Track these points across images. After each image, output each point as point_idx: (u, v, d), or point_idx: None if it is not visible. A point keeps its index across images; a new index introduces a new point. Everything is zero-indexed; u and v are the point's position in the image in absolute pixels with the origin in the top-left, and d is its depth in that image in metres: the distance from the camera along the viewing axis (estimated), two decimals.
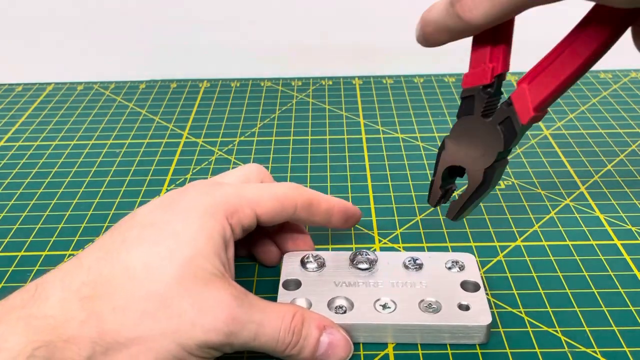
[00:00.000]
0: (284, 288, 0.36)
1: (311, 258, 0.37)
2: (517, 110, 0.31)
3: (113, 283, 0.29)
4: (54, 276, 0.30)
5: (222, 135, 0.56)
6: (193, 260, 0.30)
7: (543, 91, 0.30)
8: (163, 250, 0.30)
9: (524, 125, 0.31)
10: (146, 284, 0.29)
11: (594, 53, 0.29)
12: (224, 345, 0.30)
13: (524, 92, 0.31)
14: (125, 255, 0.30)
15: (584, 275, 0.38)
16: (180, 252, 0.30)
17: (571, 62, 0.30)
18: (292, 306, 0.33)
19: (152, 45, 0.69)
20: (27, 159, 0.53)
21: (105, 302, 0.29)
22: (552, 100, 0.31)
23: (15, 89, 0.67)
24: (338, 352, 0.32)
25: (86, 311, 0.28)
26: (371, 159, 0.51)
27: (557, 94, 0.30)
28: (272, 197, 0.35)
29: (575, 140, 0.53)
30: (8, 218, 0.45)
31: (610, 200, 0.45)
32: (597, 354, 0.33)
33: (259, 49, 0.69)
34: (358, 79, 0.67)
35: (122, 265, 0.30)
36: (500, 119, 0.32)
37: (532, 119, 0.31)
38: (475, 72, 0.32)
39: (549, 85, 0.30)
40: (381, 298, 0.35)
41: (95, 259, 0.30)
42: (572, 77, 0.30)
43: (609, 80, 0.64)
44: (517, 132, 0.32)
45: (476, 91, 0.32)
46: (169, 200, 0.33)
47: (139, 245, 0.30)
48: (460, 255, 0.38)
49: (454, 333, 0.33)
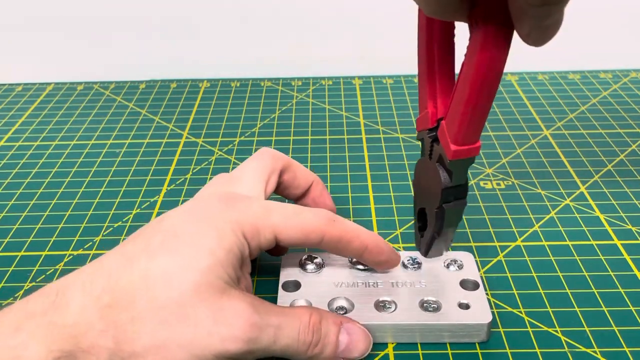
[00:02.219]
0: (284, 290, 0.36)
1: (310, 259, 0.37)
2: (443, 147, 0.31)
3: (132, 291, 0.29)
4: (74, 280, 0.30)
5: (222, 135, 0.56)
6: (211, 270, 0.30)
7: (455, 121, 0.30)
8: (182, 260, 0.30)
9: (453, 161, 0.31)
10: (164, 293, 0.29)
11: (480, 62, 0.27)
12: (245, 353, 0.29)
13: (442, 128, 0.31)
14: (145, 263, 0.30)
15: (584, 275, 0.38)
16: (198, 262, 0.30)
17: (465, 82, 0.28)
18: (306, 307, 0.33)
19: (152, 45, 0.69)
20: (27, 159, 0.53)
21: (124, 312, 0.28)
22: (470, 129, 0.30)
23: (15, 89, 0.67)
24: (359, 345, 0.32)
25: (105, 320, 0.28)
26: (371, 159, 0.51)
27: (470, 119, 0.29)
28: (297, 227, 0.33)
29: (575, 140, 0.53)
30: (8, 218, 0.45)
31: (610, 200, 0.45)
32: (597, 354, 0.33)
33: (259, 49, 0.69)
34: (358, 79, 0.67)
35: (142, 274, 0.29)
36: (436, 157, 0.32)
37: (456, 152, 0.30)
38: (421, 117, 0.33)
39: (457, 113, 0.29)
40: (381, 298, 0.35)
41: (117, 265, 0.30)
42: (473, 96, 0.28)
43: (609, 80, 0.64)
44: (450, 170, 0.32)
45: (424, 134, 0.33)
46: (195, 210, 0.33)
47: (160, 254, 0.30)
48: (458, 254, 0.38)
49: (454, 332, 0.33)
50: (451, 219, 0.33)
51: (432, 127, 0.32)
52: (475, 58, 0.27)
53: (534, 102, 0.60)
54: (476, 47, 0.27)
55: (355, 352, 0.32)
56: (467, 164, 0.32)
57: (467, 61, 0.28)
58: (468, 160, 0.31)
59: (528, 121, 0.56)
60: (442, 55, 0.31)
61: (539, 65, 0.66)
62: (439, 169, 0.32)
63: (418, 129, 0.34)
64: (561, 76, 0.65)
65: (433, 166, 0.33)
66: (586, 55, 0.66)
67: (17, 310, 0.28)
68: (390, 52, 0.67)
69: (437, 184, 0.32)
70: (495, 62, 0.27)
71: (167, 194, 0.48)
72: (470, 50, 0.28)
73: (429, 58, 0.31)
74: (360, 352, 0.32)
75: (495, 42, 0.27)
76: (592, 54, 0.67)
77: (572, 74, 0.66)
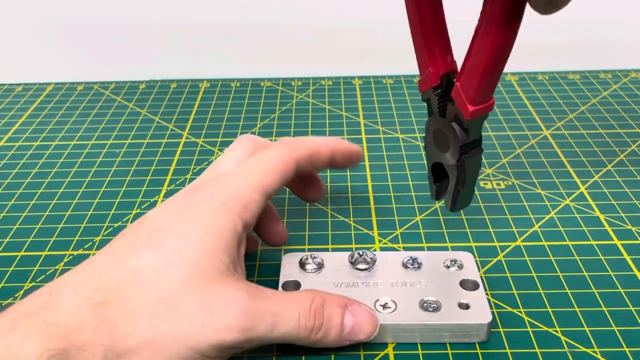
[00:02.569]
0: (284, 289, 0.36)
1: (310, 259, 0.37)
2: (459, 107, 0.32)
3: (123, 289, 0.29)
4: (67, 281, 0.30)
5: (222, 135, 0.56)
6: (201, 260, 0.30)
7: (472, 85, 0.31)
8: (171, 254, 0.30)
9: (471, 120, 0.32)
10: (154, 288, 0.29)
11: (499, 29, 0.29)
12: (242, 342, 0.29)
13: (457, 90, 0.32)
14: (134, 261, 0.30)
15: (584, 275, 0.38)
16: (187, 253, 0.30)
17: (483, 46, 0.29)
18: (310, 291, 0.32)
19: (152, 45, 0.69)
20: (27, 159, 0.53)
21: (117, 309, 0.29)
22: (486, 91, 0.31)
23: (15, 89, 0.67)
24: (365, 327, 0.32)
25: (98, 318, 0.28)
26: (371, 159, 0.51)
27: (487, 83, 0.31)
28: (273, 171, 0.34)
29: (575, 140, 0.53)
30: (8, 218, 0.45)
31: (610, 200, 0.45)
32: (597, 354, 0.33)
33: (259, 49, 0.69)
34: (358, 79, 0.67)
35: (132, 271, 0.29)
36: (452, 116, 0.33)
37: (474, 112, 0.32)
38: (423, 78, 0.33)
39: (474, 78, 0.31)
40: (381, 298, 0.35)
41: (106, 265, 0.30)
42: (492, 62, 0.30)
43: (609, 80, 0.64)
44: (467, 128, 0.33)
45: (430, 94, 0.34)
46: (179, 203, 0.33)
47: (148, 250, 0.30)
48: (458, 254, 0.38)
49: (454, 332, 0.33)
50: (472, 169, 0.34)
51: (436, 84, 0.33)
52: (492, 30, 0.28)
53: (534, 102, 0.60)
54: (494, 20, 0.28)
55: (362, 334, 0.32)
56: (483, 119, 0.33)
57: (483, 30, 0.29)
58: (483, 116, 0.33)
59: (528, 121, 0.56)
60: (433, 13, 0.32)
61: (539, 65, 0.66)
62: (455, 127, 0.33)
63: (421, 90, 0.34)
64: (561, 76, 0.65)
65: (448, 125, 0.33)
66: (586, 55, 0.66)
67: (11, 311, 0.28)
68: (390, 52, 0.67)
69: (453, 140, 0.33)
70: (512, 32, 0.29)
71: (167, 194, 0.48)
72: (487, 20, 0.29)
73: (422, 18, 0.32)
74: (367, 334, 0.32)
75: (512, 13, 0.28)
76: (592, 54, 0.67)
77: (572, 74, 0.66)
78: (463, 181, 0.35)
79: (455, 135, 0.33)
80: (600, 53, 0.67)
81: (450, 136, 0.34)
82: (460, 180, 0.35)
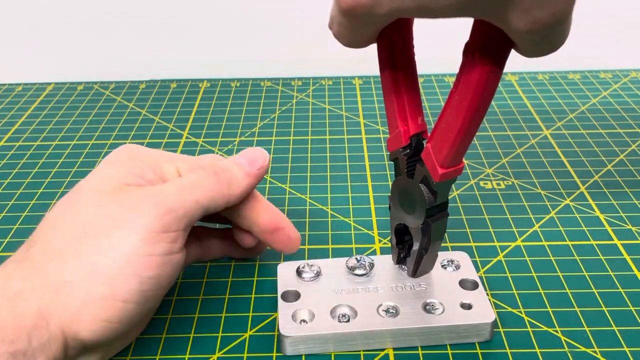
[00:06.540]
0: (283, 300, 0.35)
1: (307, 267, 0.37)
2: (429, 169, 0.31)
3: (46, 231, 0.31)
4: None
5: (222, 135, 0.56)
6: (111, 176, 0.33)
7: (444, 148, 0.30)
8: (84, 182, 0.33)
9: (439, 183, 0.31)
10: (72, 224, 0.31)
11: (475, 94, 0.28)
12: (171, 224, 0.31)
13: (428, 151, 0.31)
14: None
15: (584, 275, 0.38)
16: (92, 182, 0.33)
17: (458, 110, 0.28)
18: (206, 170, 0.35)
19: (152, 45, 0.69)
20: (27, 159, 0.53)
21: (40, 252, 0.30)
22: (458, 154, 0.30)
23: (15, 89, 0.67)
24: (256, 155, 0.36)
25: (24, 269, 0.29)
26: (371, 159, 0.51)
27: (459, 147, 0.30)
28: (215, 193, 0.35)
29: (575, 140, 0.53)
30: (8, 218, 0.45)
31: (610, 200, 0.45)
32: (597, 354, 0.33)
33: (259, 49, 0.69)
34: (358, 79, 0.67)
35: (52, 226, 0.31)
36: (420, 178, 0.32)
37: (444, 175, 0.31)
38: (392, 137, 0.33)
39: (447, 140, 0.30)
40: (383, 303, 0.34)
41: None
42: (466, 125, 0.29)
43: (609, 80, 0.64)
44: (435, 190, 0.32)
45: (398, 153, 0.33)
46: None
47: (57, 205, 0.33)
48: (454, 254, 0.38)
49: (460, 332, 0.33)
50: (437, 233, 0.34)
51: (406, 144, 0.32)
52: (471, 90, 0.28)
53: (534, 102, 0.60)
54: (472, 80, 0.27)
55: (259, 160, 0.36)
56: (451, 183, 0.32)
57: (460, 90, 0.28)
58: (452, 180, 0.32)
59: (528, 121, 0.56)
60: (405, 75, 0.31)
61: (539, 65, 0.66)
62: (423, 188, 0.32)
63: (390, 149, 0.33)
64: (561, 76, 0.65)
65: (415, 186, 0.33)
66: (586, 55, 0.66)
67: None
68: None
69: (420, 202, 0.33)
70: (491, 91, 0.28)
71: None
72: (464, 80, 0.28)
73: (394, 79, 0.31)
74: (264, 158, 0.36)
75: (492, 71, 0.27)
76: (592, 54, 0.67)
77: (572, 74, 0.66)
78: (427, 245, 0.34)
79: (422, 197, 0.32)
80: (600, 53, 0.67)
81: (417, 198, 0.33)
82: (424, 243, 0.34)
